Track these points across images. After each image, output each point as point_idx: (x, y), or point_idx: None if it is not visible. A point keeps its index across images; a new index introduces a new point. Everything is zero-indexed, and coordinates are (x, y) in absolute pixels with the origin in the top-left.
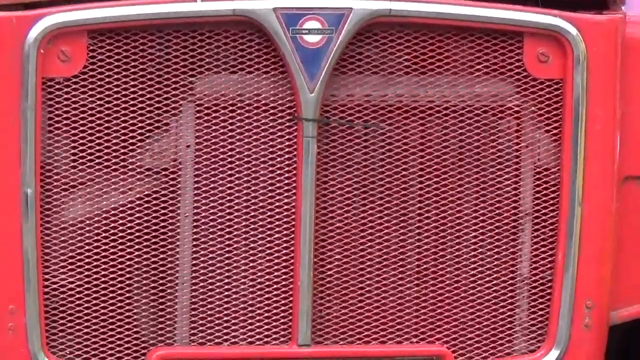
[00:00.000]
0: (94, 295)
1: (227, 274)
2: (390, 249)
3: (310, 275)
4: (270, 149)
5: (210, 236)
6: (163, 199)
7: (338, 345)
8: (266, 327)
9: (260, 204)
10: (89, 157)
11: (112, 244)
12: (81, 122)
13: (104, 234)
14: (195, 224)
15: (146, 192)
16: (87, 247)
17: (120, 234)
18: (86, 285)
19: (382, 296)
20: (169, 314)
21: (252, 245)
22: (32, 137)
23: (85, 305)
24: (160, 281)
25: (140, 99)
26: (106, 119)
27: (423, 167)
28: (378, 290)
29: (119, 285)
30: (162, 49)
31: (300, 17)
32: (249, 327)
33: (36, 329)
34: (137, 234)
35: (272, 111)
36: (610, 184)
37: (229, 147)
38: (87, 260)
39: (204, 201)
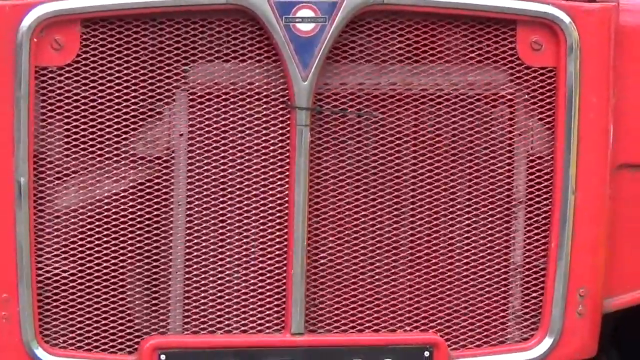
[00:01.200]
0: (88, 284)
1: (220, 263)
2: (384, 237)
3: (304, 264)
4: (264, 138)
5: (204, 225)
6: (156, 187)
7: (331, 334)
8: (259, 315)
9: (254, 193)
10: (82, 146)
11: (105, 232)
12: (74, 110)
13: (97, 223)
14: (188, 212)
15: (139, 181)
16: (80, 236)
17: (113, 223)
18: (79, 274)
19: (375, 285)
20: (162, 303)
21: (245, 233)
22: (25, 126)
23: (79, 294)
24: (154, 270)
25: (133, 87)
26: (99, 107)
27: (416, 155)
28: (371, 279)
29: (112, 274)
30: (155, 37)
31: (293, 5)
32: (243, 316)
33: (29, 318)
34: (130, 222)
35: (265, 100)
36: (603, 172)
37: (222, 135)
38: (80, 249)
39: (197, 190)
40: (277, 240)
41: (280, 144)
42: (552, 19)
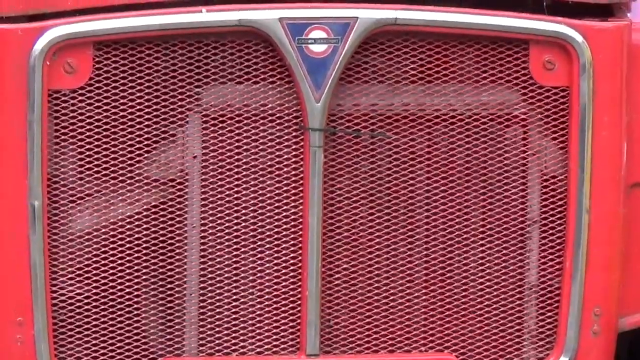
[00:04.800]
0: (102, 307)
1: (235, 284)
2: (398, 257)
3: (318, 285)
4: (277, 159)
5: (218, 246)
6: (170, 209)
7: (347, 355)
8: (275, 337)
9: (268, 214)
10: (95, 169)
11: (119, 255)
12: (88, 133)
13: (111, 245)
14: (202, 234)
15: (153, 203)
16: (94, 259)
17: (127, 245)
18: (94, 297)
19: (390, 305)
20: (177, 325)
21: (259, 255)
22: (38, 149)
23: (94, 316)
24: (169, 292)
25: (146, 110)
26: (112, 130)
27: (430, 175)
28: (386, 299)
29: (127, 297)
30: (168, 59)
31: (306, 26)
32: (258, 337)
33: (44, 341)
34: (144, 245)
35: (278, 121)
36: (617, 191)
37: (236, 157)
38: (95, 271)
39: (211, 212)
40: (292, 261)
41: (293, 165)
42: (565, 38)
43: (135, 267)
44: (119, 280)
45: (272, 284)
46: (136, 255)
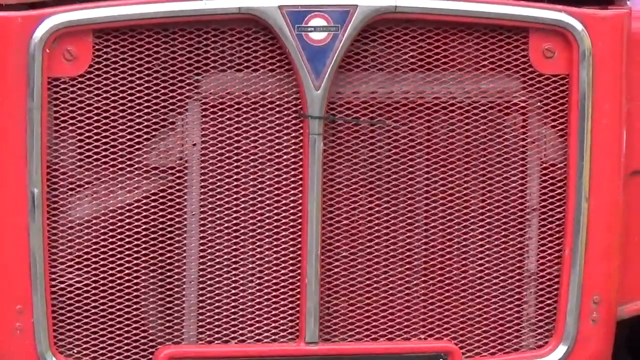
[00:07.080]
0: (102, 295)
1: (234, 272)
2: (397, 245)
3: (318, 273)
4: (277, 147)
5: (217, 234)
6: (170, 197)
7: (346, 343)
8: (274, 325)
9: (267, 202)
10: (95, 157)
11: (119, 243)
12: (87, 121)
13: (110, 233)
14: (202, 222)
15: (153, 191)
16: (94, 247)
17: (127, 233)
18: (93, 285)
19: (389, 293)
20: (176, 313)
21: (259, 243)
22: (38, 137)
23: (93, 304)
24: (168, 280)
25: (146, 97)
26: (112, 118)
27: (429, 163)
28: (385, 287)
29: (127, 285)
30: (168, 47)
31: (306, 14)
32: (257, 325)
33: (44, 329)
34: (144, 232)
35: (278, 109)
36: (616, 179)
37: (235, 145)
38: (94, 259)
39: (210, 199)
40: (291, 249)
41: (293, 153)
42: (565, 27)
43: (135, 255)
44: (118, 269)
45: (272, 272)
46: (135, 243)
